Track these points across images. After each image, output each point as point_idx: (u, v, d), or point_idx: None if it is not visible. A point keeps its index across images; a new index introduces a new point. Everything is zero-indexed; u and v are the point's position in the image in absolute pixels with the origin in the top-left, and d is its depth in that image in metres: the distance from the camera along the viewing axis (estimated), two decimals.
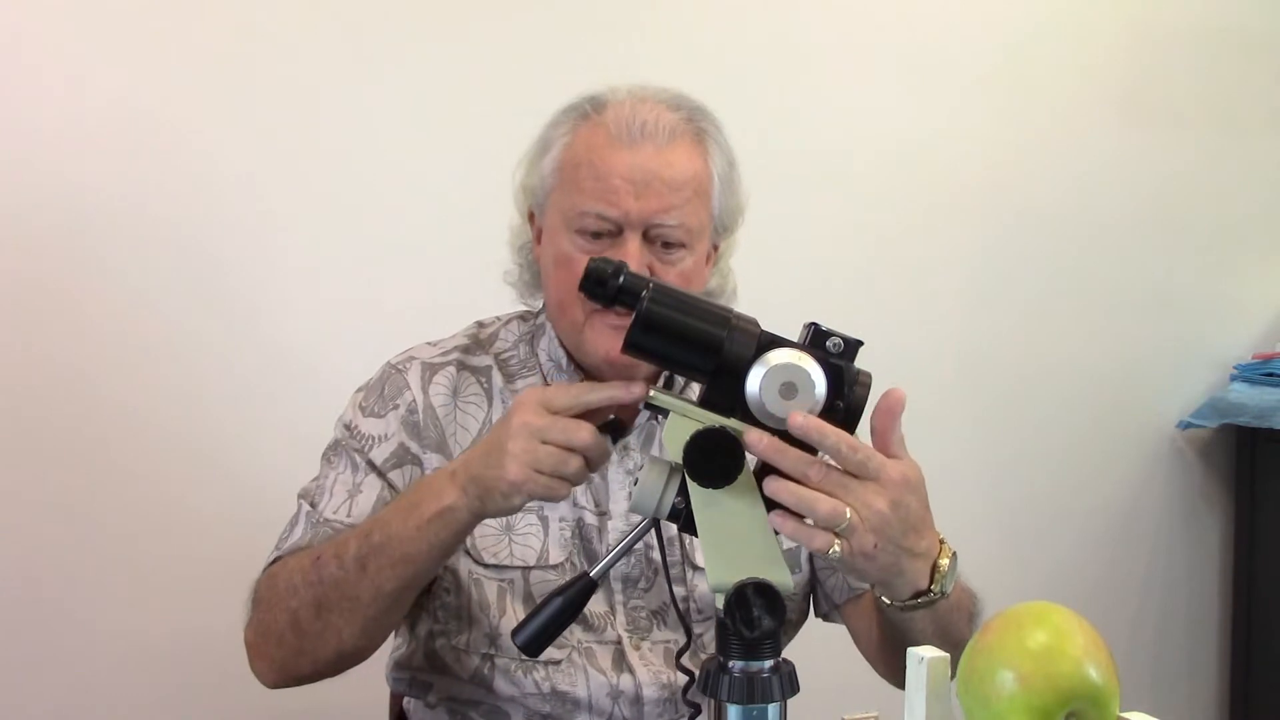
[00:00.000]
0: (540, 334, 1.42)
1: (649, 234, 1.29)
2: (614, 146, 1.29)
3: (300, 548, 1.30)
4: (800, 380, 0.95)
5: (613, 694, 1.32)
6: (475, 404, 1.38)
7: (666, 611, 1.37)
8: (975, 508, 2.56)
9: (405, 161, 2.08)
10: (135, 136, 1.94)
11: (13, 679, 1.90)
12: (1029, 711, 0.88)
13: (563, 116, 1.36)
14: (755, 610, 0.93)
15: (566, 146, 1.33)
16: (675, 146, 1.30)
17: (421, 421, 1.35)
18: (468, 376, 1.39)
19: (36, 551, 1.91)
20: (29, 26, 1.88)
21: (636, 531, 1.12)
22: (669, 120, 1.31)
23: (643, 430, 1.40)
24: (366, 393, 1.39)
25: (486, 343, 1.43)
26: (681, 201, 1.29)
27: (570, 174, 1.31)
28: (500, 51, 2.13)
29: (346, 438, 1.37)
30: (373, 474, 1.33)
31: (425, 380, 1.37)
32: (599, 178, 1.28)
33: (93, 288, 1.93)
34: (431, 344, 1.43)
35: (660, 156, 1.29)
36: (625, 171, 1.28)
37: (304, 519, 1.33)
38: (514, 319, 1.46)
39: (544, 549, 1.34)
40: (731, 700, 0.94)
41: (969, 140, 2.53)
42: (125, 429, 1.95)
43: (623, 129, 1.29)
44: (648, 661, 1.35)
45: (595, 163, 1.29)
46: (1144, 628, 2.77)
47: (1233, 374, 2.76)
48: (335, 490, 1.33)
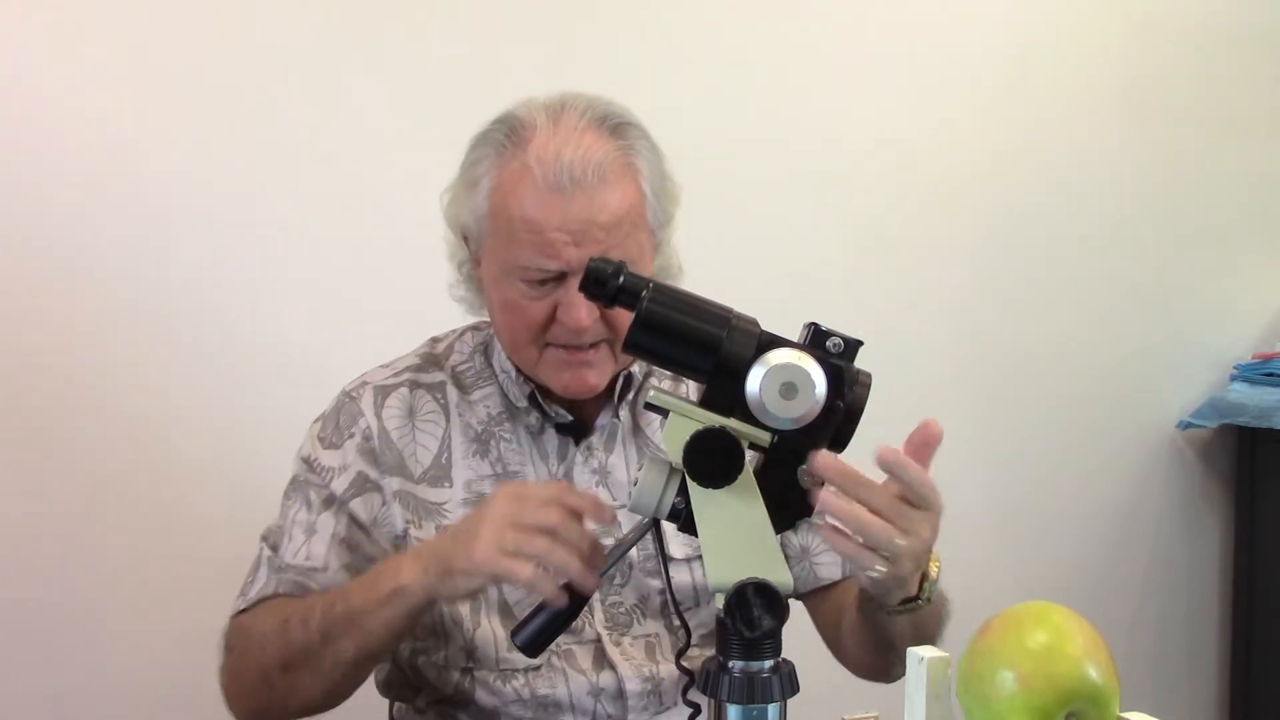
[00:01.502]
0: (493, 344, 1.42)
1: None
2: (544, 196, 1.25)
3: (265, 597, 1.31)
4: (800, 380, 0.95)
5: (593, 692, 1.33)
6: (433, 421, 1.38)
7: (645, 605, 1.37)
8: (975, 508, 2.56)
9: (405, 161, 2.07)
10: (133, 139, 1.94)
11: (13, 679, 1.90)
12: (1029, 711, 0.88)
13: (481, 151, 1.32)
14: (755, 610, 0.93)
15: (494, 190, 1.30)
16: (605, 186, 1.27)
17: (378, 447, 1.36)
18: (422, 394, 1.39)
19: (38, 554, 1.91)
20: (31, 26, 1.89)
21: (636, 532, 1.12)
22: (595, 156, 1.27)
23: (604, 430, 1.41)
24: (323, 423, 1.40)
25: (441, 357, 1.43)
26: (620, 239, 1.28)
27: (504, 225, 1.29)
28: (503, 50, 2.13)
29: (304, 472, 1.37)
30: (328, 511, 1.34)
31: (378, 404, 1.38)
32: (534, 231, 1.26)
33: (91, 291, 1.93)
34: (384, 365, 1.43)
35: (593, 203, 1.26)
36: (560, 223, 1.25)
37: (265, 565, 1.34)
38: (467, 330, 1.46)
39: None
40: (731, 700, 0.94)
41: (968, 139, 2.53)
42: (126, 432, 1.95)
43: (549, 174, 1.25)
44: (629, 656, 1.35)
45: (529, 217, 1.26)
46: (1144, 628, 2.77)
47: (1233, 374, 2.76)
48: (294, 533, 1.34)
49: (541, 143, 1.27)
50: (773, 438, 0.98)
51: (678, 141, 1.40)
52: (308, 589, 1.31)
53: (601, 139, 1.29)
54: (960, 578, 2.44)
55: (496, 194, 1.29)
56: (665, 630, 1.38)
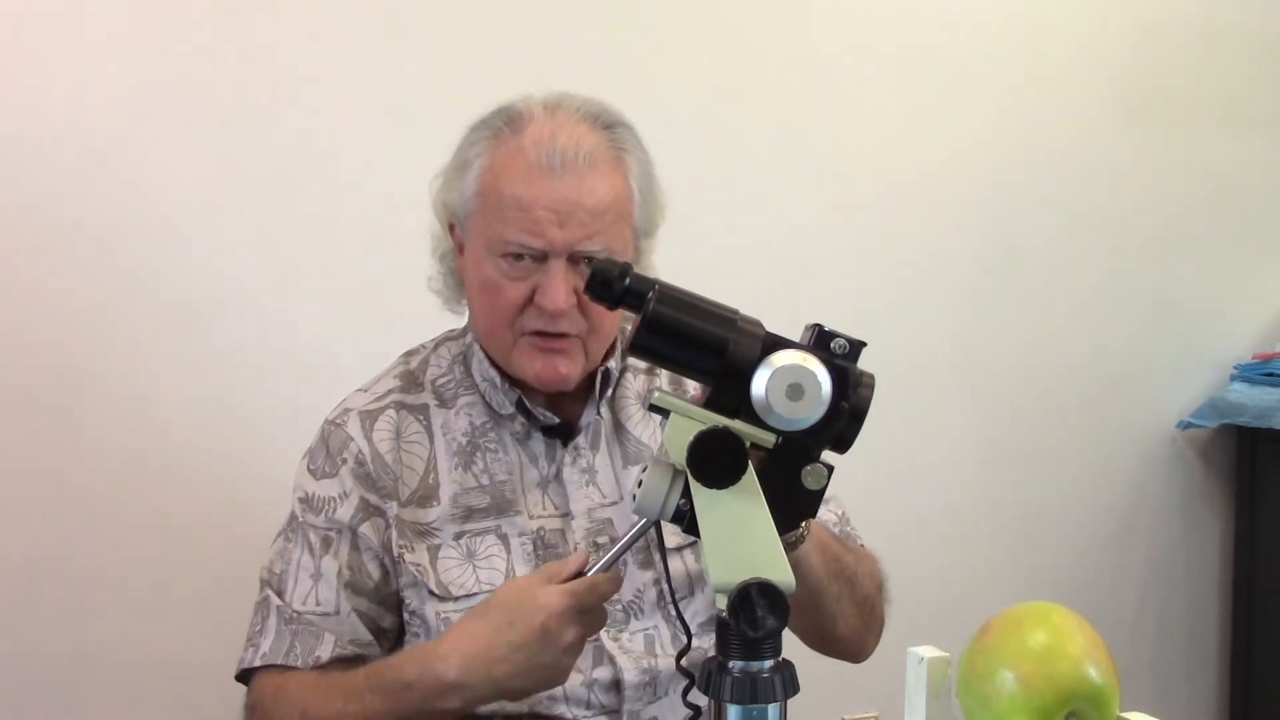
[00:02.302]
0: (471, 354, 1.43)
1: (573, 256, 1.31)
2: (534, 175, 1.29)
3: (280, 660, 1.32)
4: (806, 382, 0.95)
5: (587, 683, 1.33)
6: (418, 442, 1.39)
7: (642, 600, 1.38)
8: (975, 508, 2.57)
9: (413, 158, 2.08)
10: (135, 137, 1.94)
11: (13, 679, 1.90)
12: (1029, 711, 0.89)
13: (478, 134, 1.36)
14: (759, 610, 0.93)
15: (486, 170, 1.33)
16: (595, 172, 1.30)
17: (373, 471, 1.37)
18: (407, 416, 1.40)
19: (40, 555, 1.92)
20: (31, 22, 1.89)
21: (635, 532, 1.12)
22: (587, 144, 1.31)
23: (590, 429, 1.42)
24: (311, 456, 1.40)
25: (418, 373, 1.44)
26: (605, 226, 1.31)
27: (493, 201, 1.32)
28: (509, 48, 2.14)
29: (302, 512, 1.38)
30: (328, 554, 1.35)
31: (367, 429, 1.38)
32: (522, 208, 1.29)
33: (94, 289, 1.94)
34: (363, 390, 1.43)
35: (581, 185, 1.29)
36: (548, 202, 1.28)
37: (275, 614, 1.35)
38: (442, 342, 1.47)
39: (509, 568, 1.35)
40: (731, 700, 0.94)
41: (968, 139, 2.53)
42: (134, 431, 1.96)
43: (542, 156, 1.29)
44: (628, 650, 1.36)
45: (518, 194, 1.29)
46: (1144, 628, 2.77)
47: (1233, 374, 2.76)
48: (300, 577, 1.35)
49: (536, 129, 1.31)
50: (777, 439, 0.98)
51: (677, 141, 1.41)
52: (321, 635, 1.32)
53: (595, 131, 1.33)
54: (960, 578, 2.47)
55: (488, 173, 1.32)
56: (664, 621, 1.38)
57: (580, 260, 1.30)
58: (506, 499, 1.37)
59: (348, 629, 1.33)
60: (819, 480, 0.99)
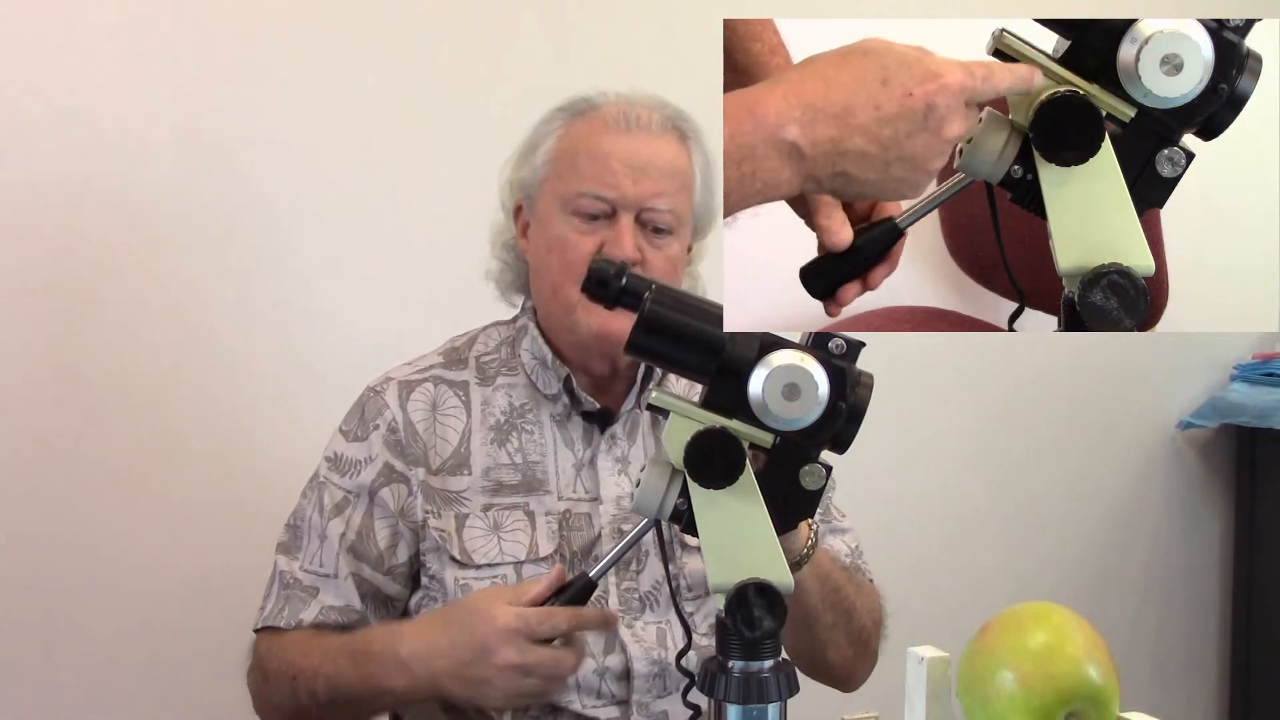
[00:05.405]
0: (522, 335, 1.47)
1: (641, 217, 1.37)
2: (611, 133, 1.38)
3: (272, 622, 1.38)
4: (803, 381, 0.95)
5: (599, 670, 1.35)
6: (455, 415, 1.42)
7: (659, 593, 1.40)
8: (975, 508, 2.57)
9: (428, 158, 2.08)
10: (136, 135, 1.94)
11: (14, 679, 1.90)
12: (1029, 711, 0.89)
13: (554, 115, 1.44)
14: (756, 610, 0.93)
15: (561, 138, 1.41)
16: (665, 138, 1.40)
17: (404, 439, 1.40)
18: (445, 390, 1.44)
19: (42, 553, 1.91)
20: (32, 24, 1.89)
21: (635, 532, 1.13)
22: (658, 117, 1.40)
23: (627, 419, 1.45)
24: (346, 418, 1.45)
25: (464, 349, 1.48)
26: (673, 189, 1.38)
27: (567, 160, 1.39)
28: (517, 48, 2.14)
29: (328, 470, 1.42)
30: (338, 517, 1.39)
31: (403, 398, 1.42)
32: (597, 160, 1.37)
33: (102, 289, 1.94)
34: (408, 363, 1.48)
35: (653, 145, 1.38)
36: (622, 155, 1.36)
37: (277, 579, 1.41)
38: (491, 327, 1.51)
39: (533, 543, 1.38)
40: (731, 700, 0.95)
41: None
42: (143, 429, 1.95)
43: (619, 118, 1.38)
44: (640, 639, 1.38)
45: (593, 148, 1.38)
46: (1144, 628, 2.77)
47: (1233, 374, 2.76)
48: (309, 536, 1.41)
49: (612, 106, 1.41)
50: (774, 439, 0.98)
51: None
52: (309, 600, 1.37)
53: (666, 116, 1.42)
54: (960, 578, 2.47)
55: (564, 139, 1.41)
56: (677, 619, 1.38)
57: (649, 226, 1.37)
58: (537, 479, 1.41)
59: (342, 593, 1.38)
60: (817, 480, 0.99)
